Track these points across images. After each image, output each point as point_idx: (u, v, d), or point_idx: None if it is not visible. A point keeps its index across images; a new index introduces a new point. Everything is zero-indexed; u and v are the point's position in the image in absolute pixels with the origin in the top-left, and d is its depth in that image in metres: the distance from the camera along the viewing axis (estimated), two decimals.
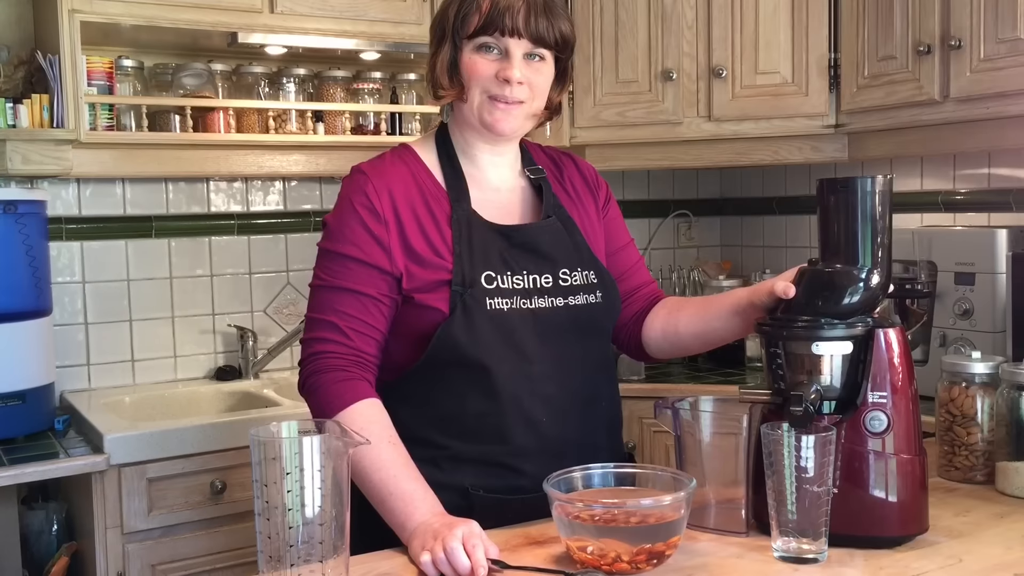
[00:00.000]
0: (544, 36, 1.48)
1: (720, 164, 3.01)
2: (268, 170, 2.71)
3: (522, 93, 1.49)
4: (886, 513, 1.30)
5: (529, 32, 1.47)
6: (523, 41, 1.48)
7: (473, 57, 1.49)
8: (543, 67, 1.51)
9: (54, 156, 2.36)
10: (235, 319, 2.87)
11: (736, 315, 1.53)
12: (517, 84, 1.48)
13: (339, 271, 1.47)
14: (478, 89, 1.50)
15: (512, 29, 1.46)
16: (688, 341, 1.62)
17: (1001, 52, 2.25)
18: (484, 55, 1.49)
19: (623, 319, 1.66)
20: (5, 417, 2.22)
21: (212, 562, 2.24)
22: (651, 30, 2.86)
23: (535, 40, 1.48)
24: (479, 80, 1.49)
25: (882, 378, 1.31)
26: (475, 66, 1.49)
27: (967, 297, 2.34)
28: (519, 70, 1.48)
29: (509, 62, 1.48)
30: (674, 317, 1.63)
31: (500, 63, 1.48)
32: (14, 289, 2.27)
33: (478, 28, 1.47)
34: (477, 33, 1.48)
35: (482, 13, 1.47)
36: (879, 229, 1.34)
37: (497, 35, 1.47)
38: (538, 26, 1.47)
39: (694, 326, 1.60)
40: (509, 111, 1.50)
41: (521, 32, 1.47)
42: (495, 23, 1.46)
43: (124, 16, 2.40)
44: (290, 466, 1.10)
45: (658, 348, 1.66)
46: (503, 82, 1.48)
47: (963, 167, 2.77)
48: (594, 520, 1.23)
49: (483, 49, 1.49)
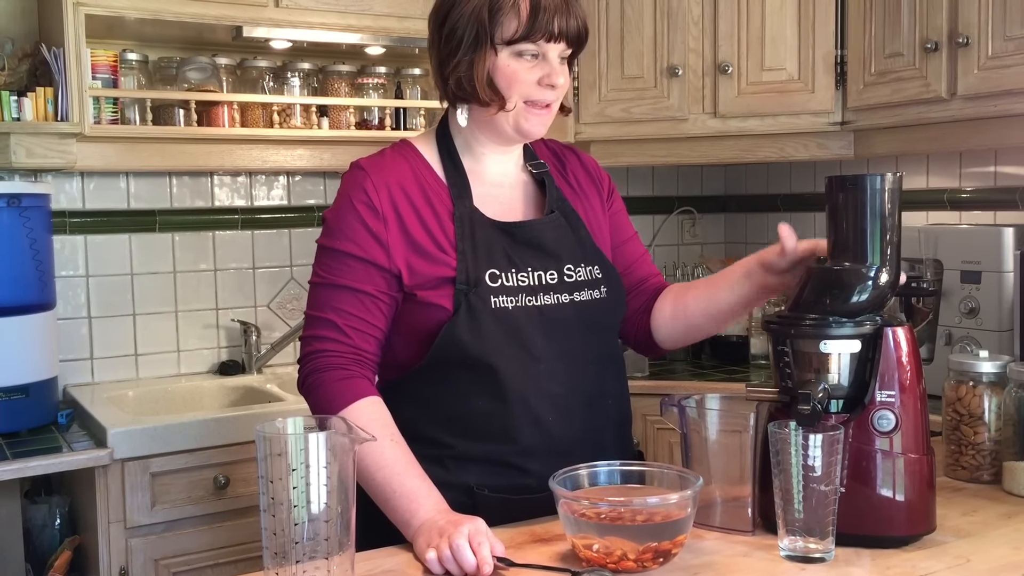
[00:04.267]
0: (579, 35, 1.46)
1: (725, 161, 3.00)
2: (272, 164, 2.70)
3: (556, 95, 1.47)
4: (893, 512, 1.30)
5: (567, 35, 1.44)
6: (562, 44, 1.45)
7: (512, 64, 1.43)
8: (567, 66, 1.50)
9: (58, 149, 2.35)
10: (238, 314, 2.87)
11: (745, 279, 1.51)
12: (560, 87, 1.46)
13: (337, 268, 1.46)
14: (517, 96, 1.45)
15: (558, 33, 1.42)
16: (698, 320, 1.59)
17: (1009, 50, 2.24)
18: (523, 61, 1.44)
19: (630, 311, 1.65)
20: (8, 411, 2.22)
21: (215, 557, 2.24)
22: (657, 26, 2.85)
23: (572, 41, 1.45)
24: (520, 87, 1.45)
25: (890, 377, 1.31)
26: (516, 74, 1.44)
27: (973, 296, 2.33)
28: (562, 75, 1.45)
29: (549, 66, 1.44)
30: (682, 298, 1.61)
31: (539, 68, 1.44)
32: (18, 282, 2.27)
33: (521, 34, 1.42)
34: (520, 39, 1.42)
35: (522, 18, 1.41)
36: (888, 227, 1.33)
37: (542, 41, 1.43)
38: (571, 27, 1.44)
39: (703, 301, 1.58)
40: (545, 115, 1.48)
41: (563, 36, 1.43)
42: (540, 29, 1.41)
43: (129, 9, 2.40)
44: (296, 462, 1.10)
45: (667, 334, 1.63)
46: (547, 88, 1.45)
47: (969, 165, 2.76)
48: (600, 518, 1.22)
49: (524, 55, 1.44)
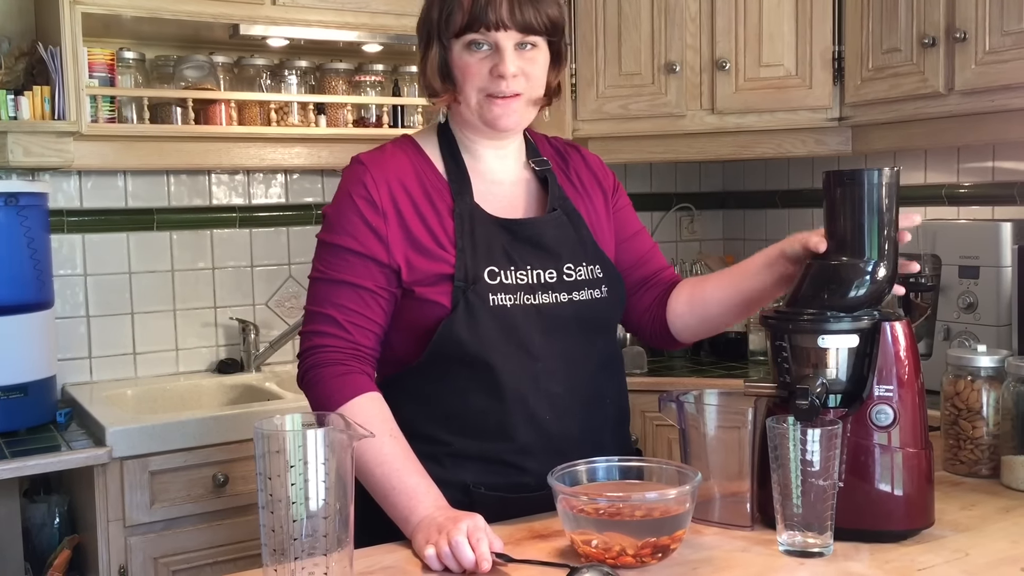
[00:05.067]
0: (532, 23, 1.43)
1: (723, 157, 3.00)
2: (270, 163, 2.70)
3: (518, 85, 1.45)
4: (892, 507, 1.30)
5: (516, 22, 1.42)
6: (511, 32, 1.43)
7: (464, 57, 1.45)
8: (536, 54, 1.47)
9: (55, 148, 2.35)
10: (237, 312, 2.86)
11: (767, 268, 1.50)
12: (512, 77, 1.44)
13: (337, 264, 1.45)
14: (473, 89, 1.45)
15: (498, 22, 1.41)
16: (715, 310, 1.58)
17: (1006, 44, 2.24)
18: (474, 53, 1.44)
19: (645, 304, 1.64)
20: (7, 410, 2.22)
21: (214, 555, 2.23)
22: (654, 22, 2.85)
23: (523, 29, 1.43)
24: (473, 80, 1.45)
25: (888, 371, 1.31)
26: (467, 67, 1.45)
27: (971, 291, 2.33)
28: (512, 64, 1.43)
29: (501, 56, 1.43)
30: (700, 288, 1.60)
31: (492, 59, 1.44)
32: (16, 281, 2.27)
33: (464, 26, 1.42)
34: (463, 31, 1.43)
35: (465, 10, 1.42)
36: (886, 222, 1.34)
37: (483, 30, 1.42)
38: (524, 14, 1.42)
39: (721, 292, 1.57)
40: (508, 106, 1.46)
41: (507, 24, 1.42)
42: (480, 19, 1.41)
43: (125, 7, 2.40)
44: (294, 459, 1.10)
45: (684, 326, 1.62)
46: (498, 78, 1.44)
47: (967, 160, 2.76)
48: (599, 514, 1.22)
49: (472, 47, 1.44)
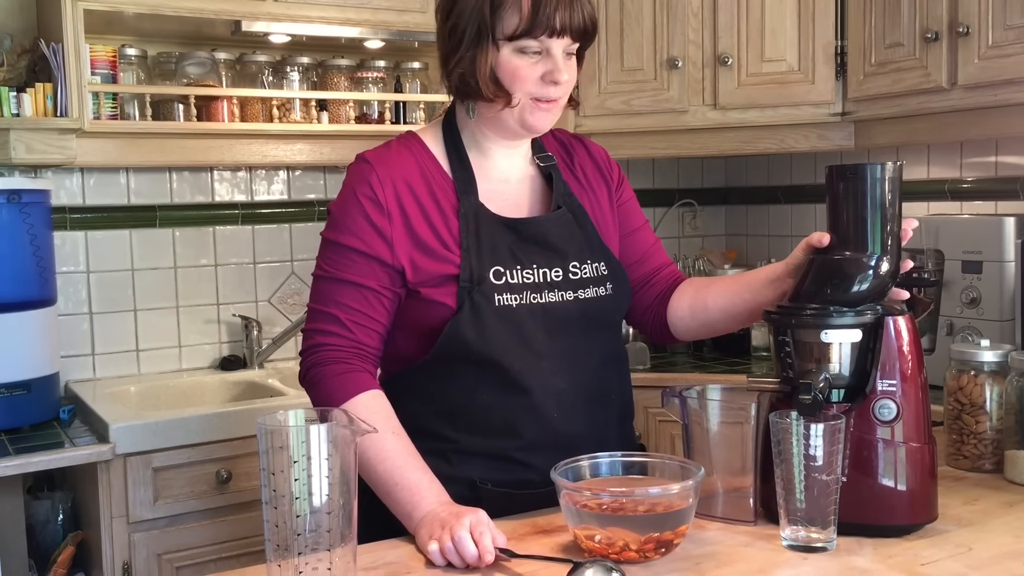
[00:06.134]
0: (585, 30, 1.43)
1: (725, 153, 2.99)
2: (272, 159, 2.70)
3: (562, 91, 1.45)
4: (895, 502, 1.30)
5: (572, 30, 1.41)
6: (565, 39, 1.42)
7: (514, 60, 1.41)
8: (575, 59, 1.47)
9: (58, 145, 2.35)
10: (239, 309, 2.87)
11: (771, 284, 1.50)
12: (563, 83, 1.44)
13: (341, 262, 1.45)
14: (522, 93, 1.44)
15: (561, 28, 1.40)
16: (716, 317, 1.59)
17: (1009, 39, 2.23)
18: (525, 57, 1.42)
19: (646, 301, 1.65)
20: (10, 406, 2.22)
21: (218, 551, 2.24)
22: (656, 18, 2.85)
23: (577, 36, 1.43)
24: (523, 84, 1.43)
25: (891, 366, 1.31)
26: (518, 71, 1.42)
27: (974, 285, 2.33)
28: (565, 71, 1.43)
29: (553, 62, 1.42)
30: (702, 294, 1.61)
31: (543, 64, 1.42)
32: (18, 278, 2.28)
33: (523, 30, 1.39)
34: (522, 35, 1.40)
35: (524, 13, 1.38)
36: (889, 216, 1.33)
37: (544, 36, 1.40)
38: (575, 21, 1.41)
39: (723, 300, 1.58)
40: (550, 110, 1.46)
41: (566, 31, 1.41)
42: (542, 24, 1.38)
43: (127, 4, 2.39)
44: (297, 455, 1.10)
45: (684, 327, 1.63)
46: (550, 84, 1.43)
47: (970, 155, 2.76)
48: (602, 509, 1.23)
49: (526, 51, 1.41)
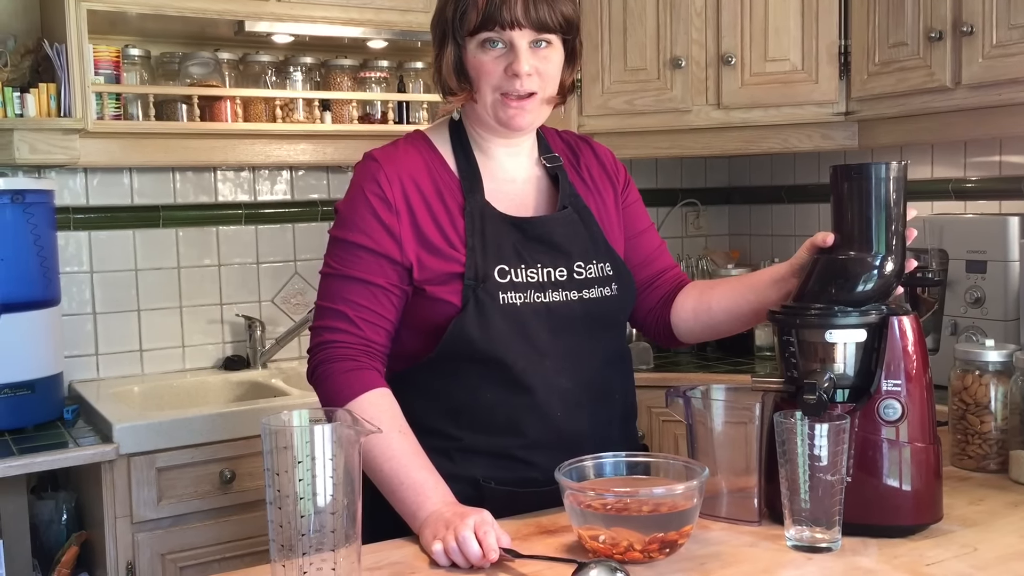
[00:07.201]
0: (547, 22, 1.43)
1: (729, 152, 2.99)
2: (275, 159, 2.70)
3: (533, 84, 1.45)
4: (900, 502, 1.30)
5: (531, 21, 1.42)
6: (526, 31, 1.42)
7: (478, 56, 1.45)
8: (551, 53, 1.47)
9: (61, 145, 2.35)
10: (243, 309, 2.87)
11: (774, 285, 1.50)
12: (527, 76, 1.44)
13: (349, 259, 1.45)
14: (488, 88, 1.45)
15: (512, 21, 1.41)
16: (720, 318, 1.59)
17: (1014, 38, 2.23)
18: (489, 51, 1.44)
19: (650, 304, 1.65)
20: (14, 407, 2.22)
21: (221, 551, 2.24)
22: (660, 17, 2.85)
23: (538, 27, 1.43)
24: (488, 79, 1.45)
25: (896, 366, 1.30)
26: (482, 65, 1.45)
27: (979, 285, 2.32)
28: (527, 62, 1.43)
29: (515, 55, 1.43)
30: (706, 296, 1.61)
31: (506, 57, 1.44)
32: (22, 279, 2.28)
33: (478, 24, 1.42)
34: (478, 29, 1.43)
35: (479, 8, 1.41)
36: (893, 216, 1.33)
37: (498, 29, 1.42)
38: (539, 13, 1.42)
39: (727, 301, 1.58)
40: (523, 105, 1.46)
41: (522, 22, 1.41)
42: (494, 17, 1.41)
43: (131, 4, 2.39)
44: (301, 455, 1.10)
45: (688, 330, 1.63)
46: (512, 77, 1.43)
47: (974, 154, 2.76)
48: (606, 509, 1.22)
49: (487, 45, 1.44)
